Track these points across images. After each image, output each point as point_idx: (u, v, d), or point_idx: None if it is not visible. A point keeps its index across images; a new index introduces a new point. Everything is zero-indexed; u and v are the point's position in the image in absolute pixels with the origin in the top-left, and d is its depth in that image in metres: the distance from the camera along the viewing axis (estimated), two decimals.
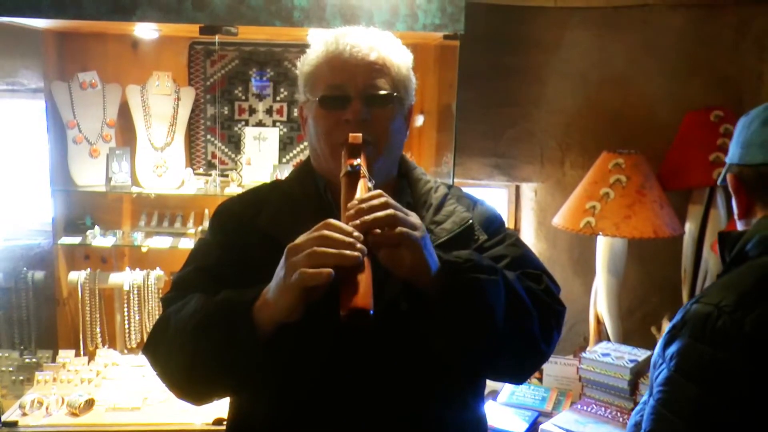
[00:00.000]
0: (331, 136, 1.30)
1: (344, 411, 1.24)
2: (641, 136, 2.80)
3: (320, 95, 1.31)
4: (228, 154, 2.93)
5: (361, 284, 1.02)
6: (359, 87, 1.29)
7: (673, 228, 2.56)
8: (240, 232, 1.35)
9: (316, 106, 1.31)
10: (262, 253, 1.21)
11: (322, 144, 1.33)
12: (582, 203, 2.56)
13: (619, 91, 2.85)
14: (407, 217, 1.12)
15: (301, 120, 1.43)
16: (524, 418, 2.28)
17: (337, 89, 1.30)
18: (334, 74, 1.30)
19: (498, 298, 1.17)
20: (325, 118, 1.31)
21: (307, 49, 1.37)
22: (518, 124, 2.93)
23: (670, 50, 2.83)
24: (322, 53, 1.33)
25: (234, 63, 2.87)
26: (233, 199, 1.49)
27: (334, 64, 1.31)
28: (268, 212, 1.35)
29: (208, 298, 1.21)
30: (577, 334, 2.91)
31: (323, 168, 1.36)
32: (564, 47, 2.86)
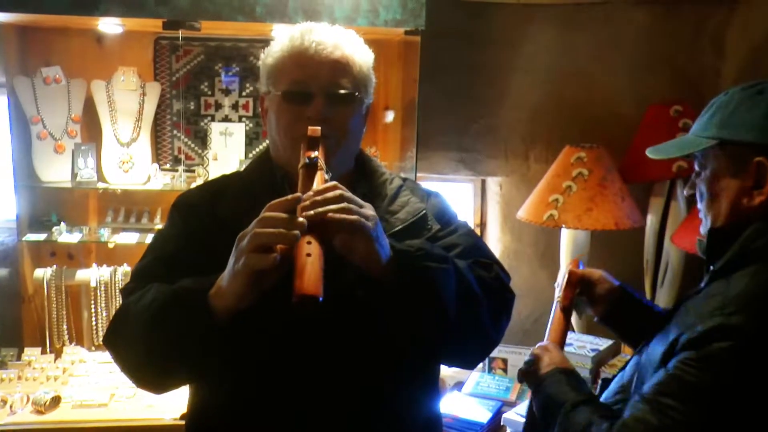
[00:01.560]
0: (291, 130, 1.32)
1: (299, 397, 1.26)
2: (604, 130, 2.84)
3: (283, 89, 1.33)
4: (194, 149, 2.92)
5: (311, 271, 1.04)
6: (322, 84, 1.32)
7: (634, 220, 2.61)
8: (198, 222, 1.37)
9: (279, 99, 1.34)
10: (221, 242, 1.22)
11: (282, 136, 1.35)
12: (545, 196, 2.60)
13: (581, 86, 2.90)
14: (360, 208, 1.15)
15: (262, 111, 1.44)
16: (488, 407, 2.32)
17: (300, 85, 1.32)
18: (298, 70, 1.32)
19: (448, 286, 1.21)
20: (287, 112, 1.33)
21: (272, 42, 1.39)
22: (483, 119, 2.96)
23: (631, 46, 2.88)
24: (287, 47, 1.34)
25: (200, 58, 2.87)
26: (192, 190, 1.52)
27: (299, 60, 1.33)
28: (226, 202, 1.37)
29: (165, 287, 1.23)
30: (543, 326, 2.92)
31: (282, 159, 1.39)
32: (527, 43, 2.90)
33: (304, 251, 1.06)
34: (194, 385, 1.39)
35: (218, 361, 1.19)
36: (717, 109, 1.30)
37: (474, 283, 1.27)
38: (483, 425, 2.24)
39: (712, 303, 1.17)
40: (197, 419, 1.40)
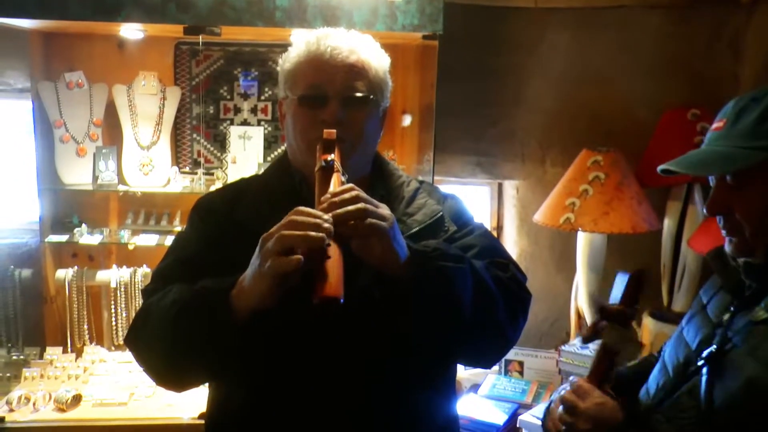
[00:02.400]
0: (307, 134, 1.34)
1: (316, 396, 1.28)
2: (620, 134, 2.84)
3: (300, 94, 1.35)
4: (213, 152, 2.96)
5: (332, 273, 1.06)
6: (338, 88, 1.34)
7: (651, 224, 2.61)
8: (218, 224, 1.39)
9: (296, 104, 1.36)
10: (240, 245, 1.24)
11: (299, 140, 1.37)
12: (562, 200, 2.61)
13: (598, 90, 2.90)
14: (377, 210, 1.17)
15: (280, 115, 1.47)
16: (504, 410, 2.33)
17: (316, 89, 1.34)
18: (314, 74, 1.34)
19: (465, 286, 1.22)
20: (304, 116, 1.35)
21: (289, 48, 1.41)
22: (499, 123, 2.97)
23: (648, 50, 2.88)
24: (304, 53, 1.36)
25: (219, 63, 2.90)
26: (212, 193, 1.54)
27: (315, 64, 1.35)
28: (245, 205, 1.39)
29: (186, 287, 1.26)
30: (559, 329, 2.96)
31: (299, 162, 1.41)
32: (544, 47, 2.91)
33: (324, 253, 1.08)
34: (213, 385, 1.42)
35: (238, 360, 1.20)
36: (765, 115, 1.17)
37: (490, 282, 1.28)
38: (499, 427, 2.25)
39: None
40: (216, 418, 1.42)
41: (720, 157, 1.20)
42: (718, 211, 1.24)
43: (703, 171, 1.26)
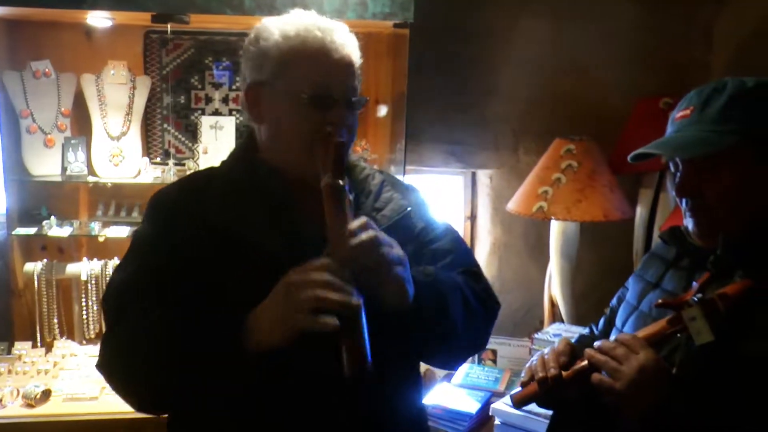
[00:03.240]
0: (310, 135, 1.28)
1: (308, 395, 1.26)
2: (594, 122, 2.85)
3: (307, 92, 1.27)
4: (185, 143, 2.92)
5: (359, 339, 1.09)
6: (343, 90, 1.30)
7: (623, 211, 2.62)
8: (183, 223, 1.30)
9: (299, 101, 1.27)
10: (208, 245, 1.22)
11: (295, 139, 1.30)
12: (534, 188, 2.61)
13: (571, 79, 2.91)
14: (392, 251, 1.16)
15: (251, 101, 1.34)
16: (477, 398, 2.33)
17: (324, 89, 1.28)
18: (322, 72, 1.28)
19: (458, 308, 1.29)
20: (309, 116, 1.28)
21: (266, 27, 1.31)
22: (473, 112, 2.96)
23: (621, 39, 2.90)
24: (301, 42, 1.27)
25: (190, 52, 2.86)
26: (168, 189, 1.42)
27: (323, 61, 1.28)
28: (211, 204, 1.30)
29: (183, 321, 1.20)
30: (533, 318, 2.97)
31: (283, 159, 1.33)
32: (517, 36, 2.90)
33: (358, 321, 1.10)
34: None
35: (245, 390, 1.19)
36: (731, 102, 1.23)
37: (472, 298, 1.34)
38: (472, 415, 2.25)
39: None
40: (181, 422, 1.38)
41: (695, 141, 1.24)
42: (689, 193, 1.28)
43: (681, 153, 1.28)
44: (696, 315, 1.17)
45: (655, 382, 1.16)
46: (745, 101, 1.23)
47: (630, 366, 1.17)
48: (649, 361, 1.17)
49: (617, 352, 1.20)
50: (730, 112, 1.22)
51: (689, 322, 1.18)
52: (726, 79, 1.27)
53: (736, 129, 1.21)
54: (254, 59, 1.32)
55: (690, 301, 1.19)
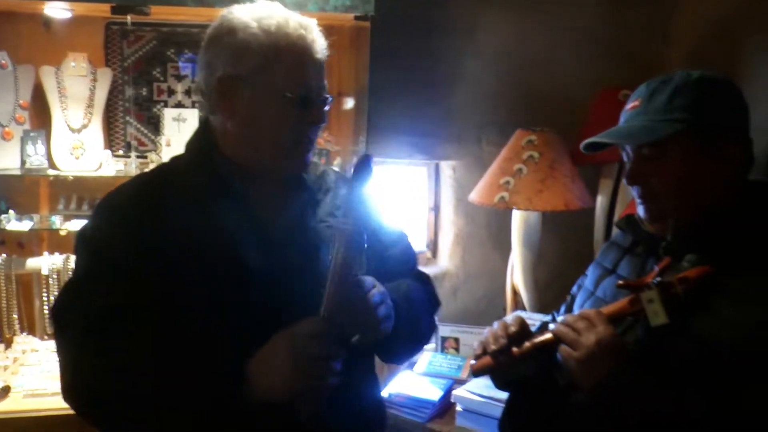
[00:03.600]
0: (293, 134, 1.29)
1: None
2: (556, 114, 2.89)
3: (295, 93, 1.26)
4: (147, 135, 2.90)
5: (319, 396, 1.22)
6: (320, 89, 1.32)
7: (584, 201, 2.66)
8: (146, 227, 1.25)
9: (284, 101, 1.26)
10: (177, 251, 1.22)
11: (273, 137, 1.29)
12: (497, 179, 2.64)
13: (534, 72, 2.95)
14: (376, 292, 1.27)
15: (221, 94, 1.28)
16: (439, 386, 2.36)
17: (308, 89, 1.28)
18: (307, 73, 1.28)
19: (425, 318, 1.48)
20: (292, 116, 1.28)
21: (244, 17, 1.27)
22: (436, 104, 2.98)
23: (582, 33, 2.95)
24: (285, 39, 1.26)
25: (152, 44, 2.84)
26: (124, 188, 1.35)
27: (307, 61, 1.28)
28: (174, 205, 1.27)
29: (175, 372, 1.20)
30: (495, 307, 3.00)
31: (251, 156, 1.31)
32: (481, 29, 2.93)
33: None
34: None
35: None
36: (676, 93, 1.28)
37: (429, 302, 1.49)
38: (434, 403, 2.28)
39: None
40: None
41: (640, 129, 1.29)
42: (638, 180, 1.32)
43: (627, 141, 1.32)
44: (654, 297, 1.22)
45: (611, 355, 1.20)
46: (688, 92, 1.27)
47: (588, 338, 1.21)
48: (607, 335, 1.21)
49: (578, 325, 1.25)
50: (675, 103, 1.27)
51: (647, 304, 1.22)
52: (675, 72, 1.32)
53: (680, 118, 1.25)
54: (230, 51, 1.27)
55: (650, 284, 1.24)
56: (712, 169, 1.27)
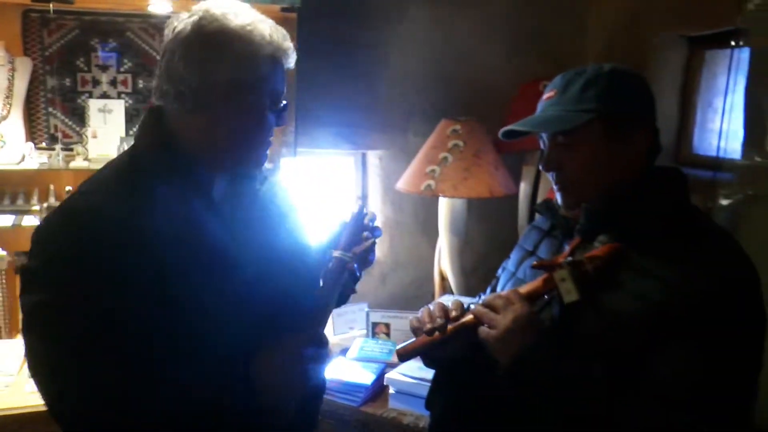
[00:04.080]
0: (266, 138, 1.35)
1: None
2: (480, 104, 2.98)
3: (280, 104, 1.33)
4: (72, 127, 2.84)
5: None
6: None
7: (508, 188, 2.77)
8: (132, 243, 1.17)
9: (270, 109, 1.32)
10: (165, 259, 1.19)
11: (250, 141, 1.33)
12: (423, 167, 2.72)
13: (458, 63, 3.03)
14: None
15: (226, 96, 1.28)
16: (372, 370, 2.43)
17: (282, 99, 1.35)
18: (281, 83, 1.33)
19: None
20: (271, 122, 1.34)
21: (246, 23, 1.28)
22: (363, 94, 3.04)
23: (505, 26, 3.05)
24: (269, 52, 1.29)
25: (74, 33, 2.78)
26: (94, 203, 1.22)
27: (281, 71, 1.33)
28: (152, 211, 1.21)
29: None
30: (426, 292, 3.09)
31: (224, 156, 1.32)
32: (406, 21, 3.00)
33: None
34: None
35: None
36: (588, 84, 1.35)
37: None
38: (367, 386, 2.35)
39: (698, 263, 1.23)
40: None
41: (554, 119, 1.37)
42: (552, 167, 1.40)
43: (542, 129, 1.40)
44: (565, 276, 1.30)
45: (526, 331, 1.27)
46: (600, 83, 1.35)
47: (506, 317, 1.29)
48: (523, 312, 1.29)
49: (496, 303, 1.32)
50: (587, 93, 1.34)
51: (560, 283, 1.31)
52: (588, 65, 1.40)
53: (591, 108, 1.33)
54: (238, 56, 1.26)
55: (561, 263, 1.32)
56: (621, 156, 1.35)
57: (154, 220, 1.20)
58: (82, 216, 1.18)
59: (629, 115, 1.36)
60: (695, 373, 1.19)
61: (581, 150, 1.35)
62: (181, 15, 1.30)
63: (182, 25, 1.27)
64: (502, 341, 1.28)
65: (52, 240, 1.19)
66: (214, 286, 1.26)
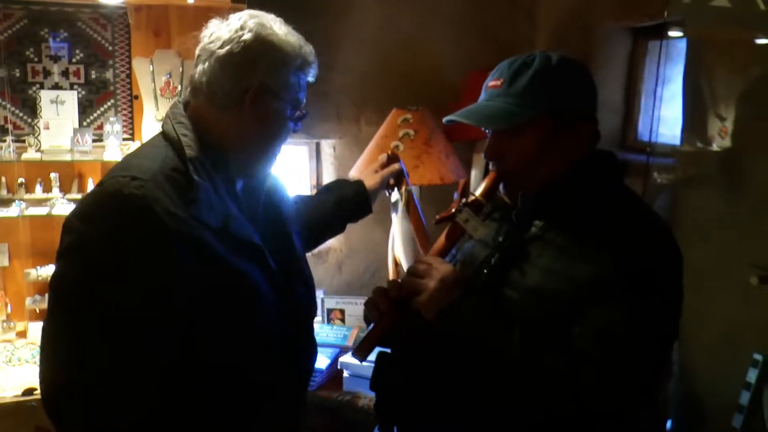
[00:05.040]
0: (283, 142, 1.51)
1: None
2: (430, 94, 3.03)
3: (300, 113, 1.50)
4: (23, 118, 2.83)
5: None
6: None
7: (458, 175, 2.83)
8: (189, 234, 1.27)
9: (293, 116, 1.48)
10: (214, 247, 1.31)
11: (274, 145, 1.48)
12: (375, 156, 2.76)
13: (408, 53, 3.08)
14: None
15: (252, 102, 1.39)
16: (327, 355, 2.48)
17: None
18: (303, 95, 1.51)
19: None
20: (290, 128, 1.49)
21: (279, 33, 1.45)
22: (315, 84, 3.02)
23: (454, 16, 3.10)
24: (298, 66, 1.46)
25: (23, 23, 2.76)
26: (149, 190, 1.25)
27: (303, 84, 1.50)
28: (198, 203, 1.30)
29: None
30: (379, 279, 3.15)
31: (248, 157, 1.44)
32: (355, 12, 3.03)
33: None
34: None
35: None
36: (536, 77, 1.35)
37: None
38: (323, 371, 2.41)
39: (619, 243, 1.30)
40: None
41: (502, 112, 1.38)
42: (494, 156, 1.44)
43: (486, 124, 1.42)
44: (468, 216, 1.41)
45: (452, 288, 1.34)
46: (547, 77, 1.36)
47: (432, 278, 1.36)
48: (447, 271, 1.37)
49: (419, 269, 1.39)
50: (534, 87, 1.36)
51: (465, 224, 1.41)
52: (536, 53, 1.41)
53: (538, 104, 1.35)
54: (271, 63, 1.41)
55: (459, 208, 1.42)
56: (564, 148, 1.39)
57: (200, 213, 1.29)
58: (134, 200, 1.23)
59: (575, 110, 1.40)
60: (610, 335, 1.26)
61: (525, 142, 1.38)
62: (216, 21, 1.43)
63: (220, 31, 1.40)
64: (431, 302, 1.35)
65: (99, 218, 1.26)
66: (255, 275, 1.38)
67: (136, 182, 1.25)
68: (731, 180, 2.24)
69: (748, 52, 2.25)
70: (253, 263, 1.39)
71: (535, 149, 1.38)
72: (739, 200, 2.20)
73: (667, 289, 1.32)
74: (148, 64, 2.81)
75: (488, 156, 1.46)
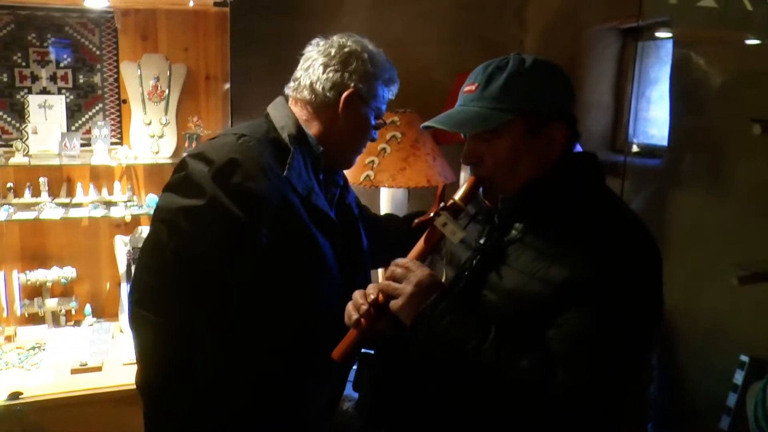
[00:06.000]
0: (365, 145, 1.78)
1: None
2: (418, 96, 3.00)
3: (381, 122, 1.75)
4: (11, 123, 2.84)
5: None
6: None
7: (446, 177, 2.82)
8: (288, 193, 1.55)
9: (372, 122, 1.72)
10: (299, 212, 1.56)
11: (359, 144, 1.76)
12: (362, 159, 2.75)
13: (396, 55, 3.00)
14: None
15: (346, 103, 1.66)
16: None
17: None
18: (385, 107, 1.76)
19: None
20: (371, 134, 1.75)
21: (384, 59, 1.76)
22: None
23: (442, 18, 3.09)
24: (386, 79, 1.75)
25: (10, 28, 2.78)
26: (261, 155, 1.54)
27: (387, 97, 1.77)
28: (293, 173, 1.56)
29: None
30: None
31: (335, 150, 1.70)
32: (342, 15, 3.03)
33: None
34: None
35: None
36: (510, 80, 1.35)
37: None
38: None
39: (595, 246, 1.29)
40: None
41: (476, 117, 1.37)
42: (471, 161, 1.44)
43: (460, 129, 1.42)
44: (445, 220, 1.41)
45: (429, 292, 1.34)
46: (520, 80, 1.36)
47: (409, 282, 1.35)
48: (424, 275, 1.36)
49: (396, 273, 1.38)
50: (508, 91, 1.35)
51: (443, 228, 1.41)
52: (509, 56, 1.41)
53: (512, 107, 1.34)
54: (364, 73, 1.68)
55: (438, 212, 1.42)
56: (539, 150, 1.38)
57: (292, 177, 1.55)
58: (246, 143, 1.55)
59: (549, 113, 1.38)
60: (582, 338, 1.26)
61: (500, 146, 1.38)
62: (320, 37, 1.79)
63: (326, 41, 1.73)
64: (407, 306, 1.34)
65: (216, 157, 1.49)
66: (327, 250, 1.60)
67: (244, 138, 1.55)
68: (717, 180, 2.23)
69: (734, 52, 2.24)
70: (327, 238, 1.60)
71: (511, 152, 1.38)
72: (724, 200, 2.19)
73: (643, 293, 1.31)
74: (136, 68, 2.82)
75: (465, 160, 1.46)
